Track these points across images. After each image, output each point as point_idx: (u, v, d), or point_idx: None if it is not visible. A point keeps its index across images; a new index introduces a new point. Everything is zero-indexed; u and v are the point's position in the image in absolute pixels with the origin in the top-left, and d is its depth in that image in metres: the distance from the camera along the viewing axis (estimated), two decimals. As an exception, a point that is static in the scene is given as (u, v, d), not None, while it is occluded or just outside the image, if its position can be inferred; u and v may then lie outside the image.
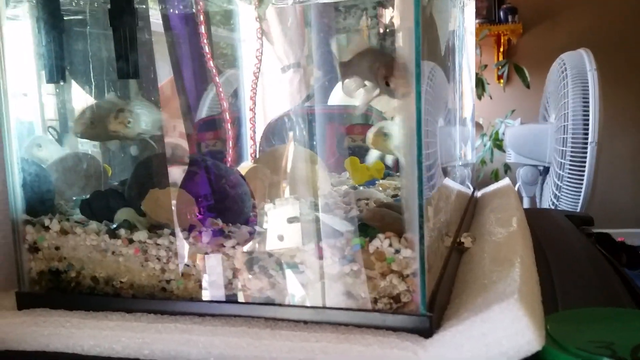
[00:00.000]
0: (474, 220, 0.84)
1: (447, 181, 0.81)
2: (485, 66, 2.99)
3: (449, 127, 0.81)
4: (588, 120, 1.73)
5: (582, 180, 1.76)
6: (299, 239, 0.51)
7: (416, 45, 0.43)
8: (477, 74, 2.84)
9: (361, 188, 0.77)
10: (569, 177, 1.78)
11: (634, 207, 3.10)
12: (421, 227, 0.44)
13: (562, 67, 1.86)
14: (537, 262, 0.63)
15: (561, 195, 1.83)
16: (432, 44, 0.64)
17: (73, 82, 0.77)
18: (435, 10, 0.57)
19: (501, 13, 3.16)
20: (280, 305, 0.48)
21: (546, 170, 1.99)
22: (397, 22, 0.52)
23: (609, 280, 0.64)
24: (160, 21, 0.88)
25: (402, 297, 0.45)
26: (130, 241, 0.52)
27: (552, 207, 1.88)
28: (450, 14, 0.73)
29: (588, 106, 1.74)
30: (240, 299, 0.49)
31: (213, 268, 0.49)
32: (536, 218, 0.88)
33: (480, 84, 2.81)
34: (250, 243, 0.50)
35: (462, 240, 0.69)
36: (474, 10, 1.09)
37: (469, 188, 1.01)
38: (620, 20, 3.13)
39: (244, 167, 0.87)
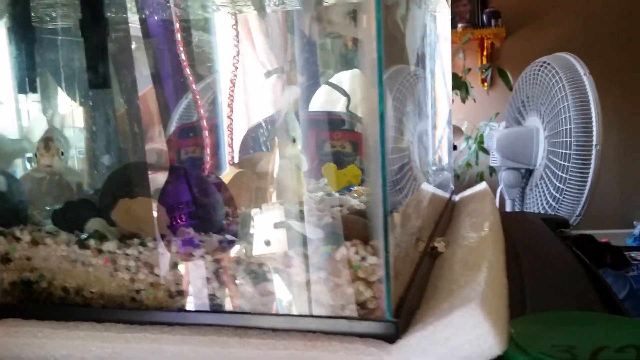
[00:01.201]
0: (451, 225, 0.84)
1: (423, 186, 0.82)
2: (469, 70, 3.02)
3: (422, 132, 0.82)
4: (587, 123, 1.77)
5: (586, 182, 1.80)
6: (278, 249, 0.52)
7: (378, 50, 0.44)
8: (460, 78, 2.87)
9: (336, 195, 0.77)
10: (572, 180, 1.81)
11: (619, 208, 3.14)
12: (386, 234, 0.45)
13: (551, 71, 1.88)
14: (509, 265, 0.64)
15: (563, 197, 1.85)
16: (399, 51, 0.65)
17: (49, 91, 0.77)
18: (402, 19, 0.58)
19: (484, 17, 3.19)
20: (249, 313, 0.48)
21: (528, 172, 2.01)
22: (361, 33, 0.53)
23: (580, 284, 0.65)
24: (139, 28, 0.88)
25: (369, 303, 0.46)
26: (100, 251, 0.52)
27: (550, 210, 1.90)
28: (420, 22, 0.74)
29: (586, 110, 1.78)
30: (210, 307, 0.49)
31: (182, 277, 0.50)
32: (512, 221, 0.89)
33: (464, 88, 2.83)
34: (221, 251, 0.51)
35: (436, 245, 0.69)
36: (449, 16, 1.11)
37: (447, 192, 1.02)
38: (601, 23, 3.17)
39: (230, 172, 0.88)
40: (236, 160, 0.96)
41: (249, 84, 1.03)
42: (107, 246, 0.52)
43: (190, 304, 0.50)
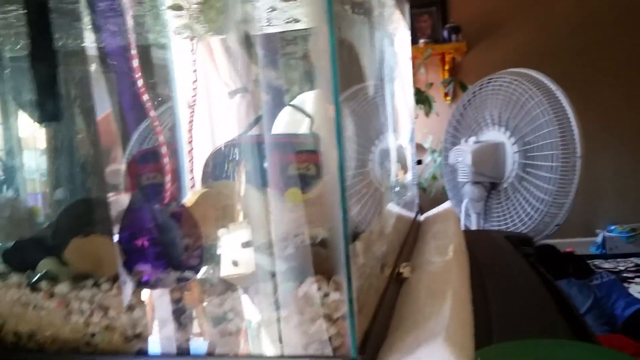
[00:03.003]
0: (416, 247, 0.84)
1: (388, 207, 0.82)
2: (432, 84, 3.05)
3: (383, 152, 0.82)
4: (568, 135, 1.86)
5: (569, 191, 1.87)
6: (246, 270, 0.51)
7: (333, 73, 0.43)
8: (423, 92, 2.90)
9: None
10: (558, 190, 1.87)
11: (583, 217, 3.20)
12: (348, 270, 0.44)
13: (520, 86, 1.93)
14: (474, 289, 0.64)
15: (546, 208, 1.91)
16: (357, 72, 0.65)
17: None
18: (358, 40, 0.58)
19: (445, 32, 3.24)
20: (210, 355, 0.47)
21: (492, 186, 2.03)
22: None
23: (544, 304, 0.65)
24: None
25: (333, 341, 0.45)
26: (52, 294, 0.50)
27: (528, 220, 1.95)
28: (377, 42, 0.74)
29: (567, 122, 1.87)
30: (169, 350, 0.48)
31: (139, 319, 0.48)
32: (476, 241, 0.89)
33: (427, 102, 2.86)
34: (178, 289, 0.49)
35: (402, 270, 0.69)
36: (409, 35, 1.11)
37: (413, 212, 1.02)
38: (559, 34, 3.25)
39: (195, 192, 0.86)
40: (197, 186, 0.94)
41: (213, 105, 1.01)
42: (59, 288, 0.50)
43: (147, 348, 0.48)
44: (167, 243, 0.56)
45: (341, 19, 0.46)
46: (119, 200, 0.70)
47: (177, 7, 0.76)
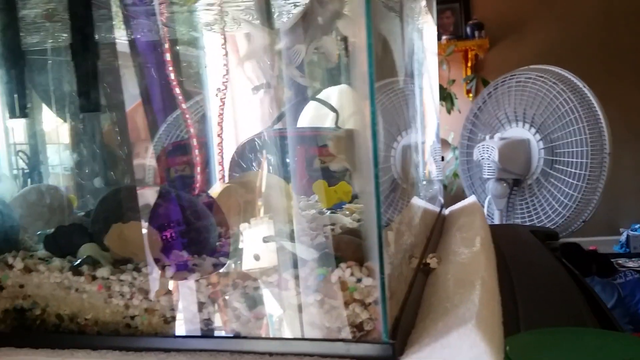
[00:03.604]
0: (441, 240, 0.85)
1: (414, 201, 0.83)
2: (454, 81, 3.04)
3: (412, 146, 0.83)
4: (599, 132, 1.89)
5: (598, 188, 1.89)
6: (268, 264, 0.52)
7: (370, 73, 0.44)
8: (445, 89, 2.89)
9: (328, 213, 0.77)
10: (587, 186, 1.88)
11: (607, 216, 3.16)
12: (381, 256, 0.45)
13: (547, 83, 1.93)
14: (501, 281, 0.65)
15: (574, 204, 1.92)
16: (387, 66, 0.65)
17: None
18: (389, 35, 0.59)
19: (468, 29, 3.22)
20: (245, 338, 0.48)
21: (516, 182, 2.03)
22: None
23: (571, 297, 0.66)
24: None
25: (365, 325, 0.46)
26: (93, 278, 0.52)
27: (556, 216, 1.96)
28: (407, 36, 0.75)
29: (596, 119, 1.89)
30: (205, 332, 0.49)
31: (177, 303, 0.49)
32: (502, 235, 0.89)
33: (449, 99, 2.85)
34: (215, 274, 0.51)
35: (428, 261, 0.70)
36: (435, 29, 1.12)
37: (437, 206, 1.03)
38: (582, 32, 3.21)
39: (218, 187, 0.88)
40: (226, 178, 0.96)
41: (237, 99, 1.03)
42: (100, 272, 0.52)
43: (185, 330, 0.50)
44: (202, 230, 0.58)
45: (375, 13, 0.47)
46: (151, 191, 0.72)
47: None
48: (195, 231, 0.56)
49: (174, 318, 0.50)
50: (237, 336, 0.48)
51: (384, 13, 0.59)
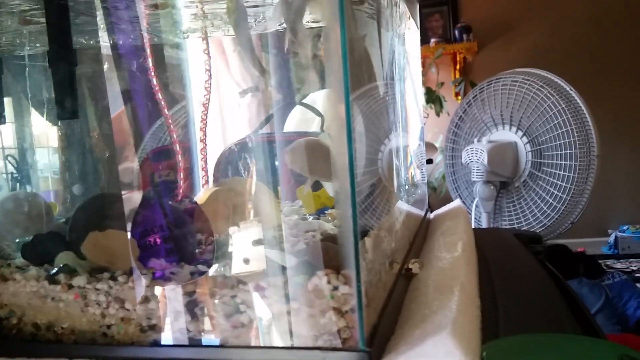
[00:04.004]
0: (425, 244, 0.85)
1: (397, 205, 0.83)
2: (442, 84, 3.05)
3: (394, 150, 0.83)
4: (586, 134, 1.91)
5: (586, 190, 1.92)
6: (256, 264, 0.52)
7: (344, 79, 0.44)
8: (434, 92, 2.90)
9: (310, 218, 0.77)
10: (575, 188, 1.91)
11: (595, 217, 3.18)
12: (357, 263, 0.45)
13: (534, 86, 1.95)
14: (483, 285, 0.65)
15: (563, 206, 1.93)
16: (368, 71, 0.65)
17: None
18: (369, 40, 0.59)
19: (456, 32, 3.24)
20: (221, 346, 0.48)
21: (503, 185, 2.03)
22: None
23: (552, 302, 0.66)
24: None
25: (342, 333, 0.46)
26: (70, 286, 0.52)
27: (544, 218, 1.98)
28: (388, 42, 0.75)
29: (583, 122, 1.91)
30: (182, 341, 0.49)
31: (154, 311, 0.49)
32: (486, 238, 0.90)
33: (438, 101, 2.86)
34: (192, 283, 0.50)
35: (410, 266, 0.70)
36: (418, 35, 1.12)
37: (422, 210, 1.03)
38: (570, 35, 3.23)
39: (206, 191, 0.87)
40: (210, 183, 0.95)
41: (224, 103, 1.03)
42: (76, 281, 0.52)
43: (162, 339, 0.49)
44: (180, 238, 0.57)
45: (351, 19, 0.47)
46: (134, 197, 0.72)
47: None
48: (173, 239, 0.55)
49: (150, 327, 0.50)
50: (213, 345, 0.48)
51: (360, 18, 0.59)
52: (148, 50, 0.86)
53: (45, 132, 0.83)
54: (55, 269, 0.54)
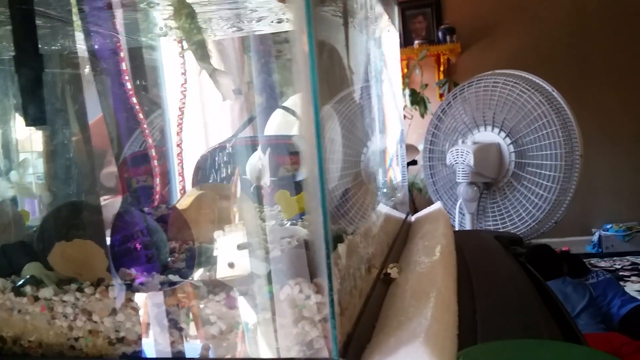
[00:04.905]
0: (405, 248, 0.84)
1: (376, 209, 0.82)
2: (426, 85, 3.06)
3: (372, 154, 0.82)
4: (570, 135, 1.93)
5: (570, 189, 1.94)
6: (241, 268, 0.51)
7: (312, 78, 0.43)
8: (418, 93, 2.90)
9: (287, 224, 0.76)
10: (560, 188, 1.92)
11: (579, 216, 3.20)
12: (329, 271, 0.44)
13: (517, 87, 1.95)
14: (461, 289, 0.64)
15: (549, 206, 1.95)
16: (340, 75, 0.65)
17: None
18: (341, 44, 0.58)
19: (440, 33, 3.24)
20: (191, 359, 0.47)
21: (486, 185, 2.04)
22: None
23: (530, 306, 0.65)
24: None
25: (315, 343, 0.45)
26: (36, 298, 0.50)
27: (527, 217, 1.98)
28: (362, 45, 0.74)
29: (567, 123, 1.93)
30: (152, 354, 0.48)
31: (122, 324, 0.48)
32: (466, 241, 0.89)
33: (422, 103, 2.87)
34: (162, 294, 0.49)
35: (389, 271, 0.69)
36: (397, 36, 1.11)
37: (402, 213, 1.02)
38: (552, 36, 3.25)
39: (190, 194, 0.86)
40: (187, 189, 0.94)
41: (205, 107, 1.01)
42: (43, 293, 0.50)
43: (131, 351, 0.48)
44: (154, 246, 0.56)
45: (322, 22, 0.46)
46: (105, 205, 0.70)
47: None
48: (144, 248, 0.54)
49: (118, 340, 0.48)
50: (182, 357, 0.47)
51: (329, 21, 0.59)
52: (123, 53, 0.85)
53: (18, 137, 0.81)
54: (22, 280, 0.53)
